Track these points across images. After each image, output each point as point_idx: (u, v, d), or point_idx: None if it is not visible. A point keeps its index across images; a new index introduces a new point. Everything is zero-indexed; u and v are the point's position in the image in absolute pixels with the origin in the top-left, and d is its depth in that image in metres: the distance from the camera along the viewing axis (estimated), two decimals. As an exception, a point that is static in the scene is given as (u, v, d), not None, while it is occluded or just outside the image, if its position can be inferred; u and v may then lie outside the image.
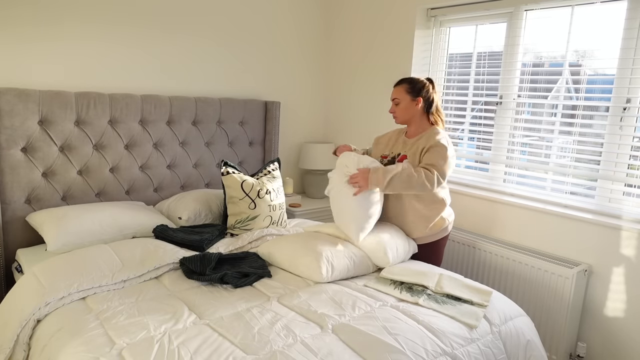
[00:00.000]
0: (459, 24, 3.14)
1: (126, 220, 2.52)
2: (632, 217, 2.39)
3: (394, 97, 2.47)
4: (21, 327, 1.78)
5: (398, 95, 2.45)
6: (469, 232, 2.96)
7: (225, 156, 3.30)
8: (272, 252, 2.31)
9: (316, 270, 2.10)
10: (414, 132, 2.49)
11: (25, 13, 2.52)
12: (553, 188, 2.74)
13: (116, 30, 2.83)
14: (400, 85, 2.46)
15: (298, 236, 2.40)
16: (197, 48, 3.18)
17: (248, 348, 1.56)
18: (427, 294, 2.01)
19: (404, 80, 2.47)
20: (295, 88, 3.77)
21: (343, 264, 2.17)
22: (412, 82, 2.43)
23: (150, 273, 2.11)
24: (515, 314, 2.02)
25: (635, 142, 2.40)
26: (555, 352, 2.49)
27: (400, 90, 2.45)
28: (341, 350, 1.59)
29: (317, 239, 2.33)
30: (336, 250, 2.21)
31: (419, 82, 2.44)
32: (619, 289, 2.40)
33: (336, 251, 2.21)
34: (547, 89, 2.78)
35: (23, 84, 2.55)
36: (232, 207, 2.67)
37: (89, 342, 1.57)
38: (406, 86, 2.44)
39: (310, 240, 2.30)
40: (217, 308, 1.83)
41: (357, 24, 3.62)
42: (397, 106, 2.46)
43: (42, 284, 1.92)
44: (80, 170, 2.72)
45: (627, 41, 2.37)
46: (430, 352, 1.64)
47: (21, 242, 2.55)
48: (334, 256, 2.17)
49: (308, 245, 2.24)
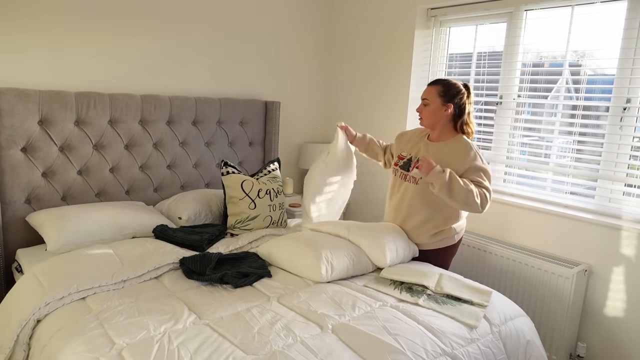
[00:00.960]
0: (459, 24, 3.14)
1: (126, 220, 2.52)
2: (632, 217, 2.39)
3: (424, 97, 2.33)
4: (21, 327, 1.78)
5: (428, 96, 2.31)
6: (469, 232, 2.96)
7: (225, 156, 3.30)
8: (272, 252, 2.31)
9: (316, 270, 2.10)
10: (437, 136, 2.37)
11: (25, 13, 2.52)
12: (553, 188, 2.74)
13: (116, 30, 2.83)
14: (433, 86, 2.31)
15: (297, 236, 2.40)
16: (197, 48, 3.18)
17: (248, 348, 1.56)
18: (427, 294, 2.01)
19: (439, 82, 2.31)
20: (295, 88, 3.77)
21: (343, 264, 2.17)
22: (447, 86, 2.28)
23: (150, 273, 2.11)
24: (515, 314, 2.02)
25: (635, 142, 2.40)
26: (555, 352, 2.49)
27: (432, 91, 2.30)
28: (341, 351, 1.59)
29: (316, 238, 2.33)
30: (335, 250, 2.21)
31: (455, 87, 2.28)
32: (619, 289, 2.40)
33: (335, 250, 2.20)
34: (547, 89, 2.78)
35: (23, 84, 2.55)
36: (232, 207, 2.67)
37: (89, 342, 1.57)
38: (439, 88, 2.29)
39: (309, 240, 2.30)
40: (217, 308, 1.83)
41: (357, 23, 3.62)
42: (426, 107, 2.33)
43: (42, 284, 1.92)
44: (80, 170, 2.72)
45: (627, 41, 2.37)
46: (430, 352, 1.64)
47: (21, 242, 2.55)
48: (333, 256, 2.17)
49: (307, 245, 2.24)
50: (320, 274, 2.09)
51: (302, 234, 2.45)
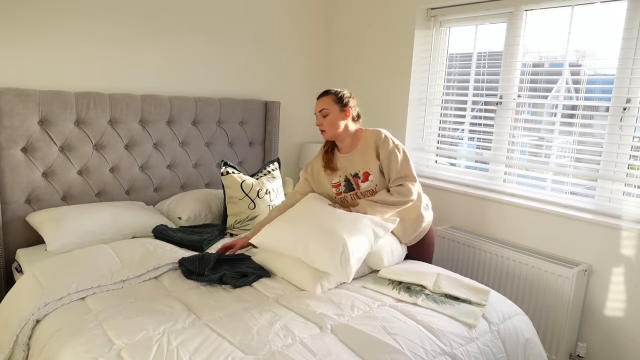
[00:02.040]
0: (459, 24, 3.13)
1: (126, 220, 2.52)
2: (632, 217, 2.38)
3: (323, 108, 2.29)
4: (20, 328, 1.78)
5: (326, 105, 2.29)
6: (469, 232, 2.96)
7: (225, 156, 3.30)
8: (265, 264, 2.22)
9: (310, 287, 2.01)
10: (350, 145, 2.37)
11: (25, 13, 2.52)
12: (553, 188, 2.74)
13: (116, 30, 2.83)
14: (325, 97, 2.31)
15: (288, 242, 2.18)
16: (197, 48, 3.18)
17: (247, 348, 1.56)
18: (425, 294, 2.01)
19: (328, 92, 2.32)
20: (296, 88, 3.77)
21: None
22: (337, 93, 2.31)
23: (149, 273, 2.11)
24: (514, 312, 2.02)
25: (635, 142, 2.40)
26: (555, 352, 2.49)
27: (327, 101, 2.30)
28: (340, 351, 1.59)
29: None
30: None
31: (342, 92, 2.32)
32: (619, 289, 2.40)
33: None
34: (547, 89, 2.78)
35: (23, 84, 2.55)
36: (231, 207, 2.67)
37: (88, 343, 1.57)
38: (332, 97, 2.30)
39: None
40: (216, 308, 1.83)
41: (357, 23, 3.62)
42: (326, 118, 2.29)
43: (42, 284, 1.92)
44: (80, 170, 2.72)
45: (627, 41, 2.37)
46: (429, 352, 1.64)
47: (21, 242, 2.55)
48: None
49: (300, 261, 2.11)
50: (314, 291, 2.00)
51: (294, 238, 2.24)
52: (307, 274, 2.05)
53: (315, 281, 2.02)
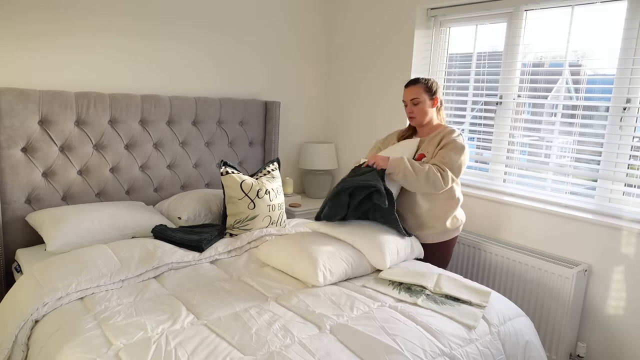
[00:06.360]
0: (459, 24, 3.13)
1: (126, 220, 2.52)
2: (632, 217, 2.38)
3: (414, 97, 2.44)
4: (19, 328, 1.78)
5: (417, 95, 2.43)
6: (469, 232, 2.96)
7: (225, 156, 3.30)
8: (269, 258, 2.27)
9: (313, 277, 2.06)
10: (427, 132, 2.50)
11: (25, 13, 2.53)
12: (553, 188, 2.74)
13: (116, 30, 2.83)
14: (416, 85, 2.44)
15: (294, 240, 2.32)
16: (197, 48, 3.18)
17: (246, 349, 1.56)
18: (425, 295, 2.01)
19: (418, 81, 2.45)
20: (295, 88, 3.77)
21: (341, 269, 2.14)
22: (427, 82, 2.44)
23: (148, 273, 2.12)
24: (514, 314, 2.01)
25: (635, 142, 2.40)
26: (555, 352, 2.48)
27: (418, 89, 2.43)
28: (339, 351, 1.58)
29: (313, 243, 2.25)
30: (333, 255, 2.16)
31: (433, 82, 2.45)
32: (619, 289, 2.40)
33: (333, 256, 2.16)
34: (547, 89, 2.78)
35: (23, 84, 2.55)
36: (231, 207, 2.67)
37: (86, 343, 1.57)
38: (423, 86, 2.43)
39: (306, 245, 2.23)
40: (215, 308, 1.83)
41: (357, 23, 3.62)
42: (417, 106, 2.44)
43: (41, 284, 1.92)
44: (80, 170, 2.72)
45: (627, 41, 2.36)
46: (428, 353, 1.64)
47: (21, 242, 2.56)
48: (330, 261, 2.12)
49: (304, 252, 2.17)
50: (318, 281, 2.05)
51: (299, 236, 2.37)
52: (310, 266, 2.09)
53: (319, 271, 2.07)
